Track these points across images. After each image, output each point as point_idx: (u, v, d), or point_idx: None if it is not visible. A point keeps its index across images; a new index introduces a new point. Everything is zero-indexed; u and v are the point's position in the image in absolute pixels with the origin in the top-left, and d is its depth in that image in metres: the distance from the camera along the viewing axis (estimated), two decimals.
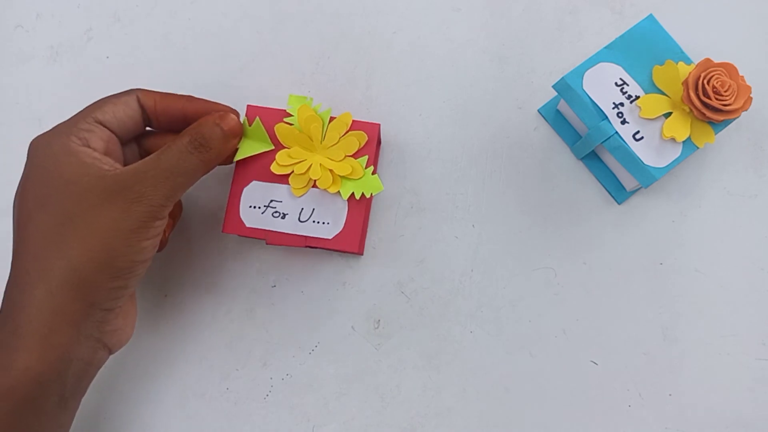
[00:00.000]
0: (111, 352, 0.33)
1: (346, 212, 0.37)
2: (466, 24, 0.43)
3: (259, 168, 0.37)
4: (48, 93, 0.43)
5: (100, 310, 0.31)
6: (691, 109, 0.36)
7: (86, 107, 0.34)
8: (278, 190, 0.37)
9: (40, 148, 0.32)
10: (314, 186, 0.37)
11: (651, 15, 0.38)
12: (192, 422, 0.39)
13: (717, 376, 0.39)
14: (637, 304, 0.39)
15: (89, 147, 0.32)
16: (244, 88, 0.42)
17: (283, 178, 0.37)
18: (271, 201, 0.37)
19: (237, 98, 0.42)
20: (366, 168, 0.37)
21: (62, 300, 0.30)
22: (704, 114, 0.35)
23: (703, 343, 0.39)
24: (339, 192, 0.36)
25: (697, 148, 0.36)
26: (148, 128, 0.37)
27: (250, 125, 0.36)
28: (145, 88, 0.35)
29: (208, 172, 0.34)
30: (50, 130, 0.33)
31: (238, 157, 0.37)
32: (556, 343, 0.39)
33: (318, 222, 0.37)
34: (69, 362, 0.30)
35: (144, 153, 0.37)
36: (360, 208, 0.37)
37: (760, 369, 0.39)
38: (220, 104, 0.36)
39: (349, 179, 0.36)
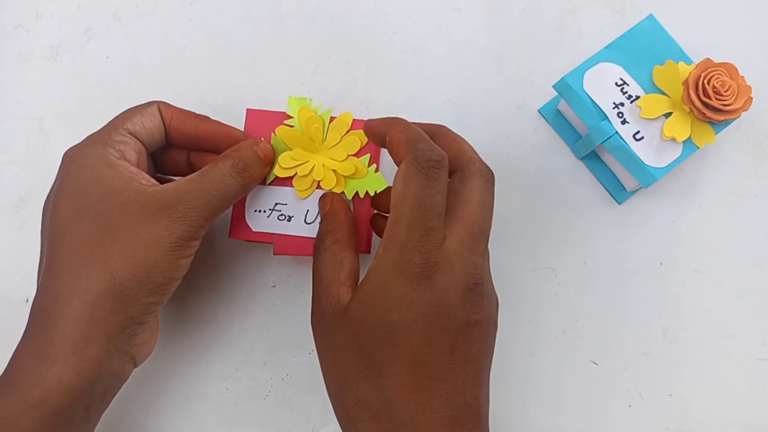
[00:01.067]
0: (136, 365, 0.34)
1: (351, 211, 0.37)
2: (466, 24, 0.43)
3: None
4: (48, 93, 0.43)
5: (134, 324, 0.31)
6: (691, 109, 0.36)
7: (115, 118, 0.34)
8: (282, 193, 0.37)
9: (76, 159, 0.32)
10: (318, 187, 0.37)
11: (651, 15, 0.38)
12: (192, 422, 0.39)
13: (717, 376, 0.39)
14: (637, 304, 0.39)
15: (125, 160, 0.32)
16: (244, 88, 0.42)
17: (287, 181, 0.37)
18: (276, 204, 0.37)
19: (237, 98, 0.42)
20: (369, 166, 0.37)
21: (101, 312, 0.30)
22: (704, 114, 0.35)
23: (703, 343, 0.39)
24: (343, 192, 0.36)
25: (698, 148, 0.36)
26: None
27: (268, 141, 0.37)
28: (165, 102, 0.35)
29: (242, 196, 0.35)
30: (84, 140, 0.33)
31: (269, 180, 0.37)
32: (556, 343, 0.39)
33: None
34: (99, 375, 0.31)
35: (154, 164, 0.37)
36: (365, 206, 0.37)
37: (760, 369, 0.39)
38: (233, 128, 0.36)
39: (353, 178, 0.36)
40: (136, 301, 0.31)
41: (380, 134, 0.32)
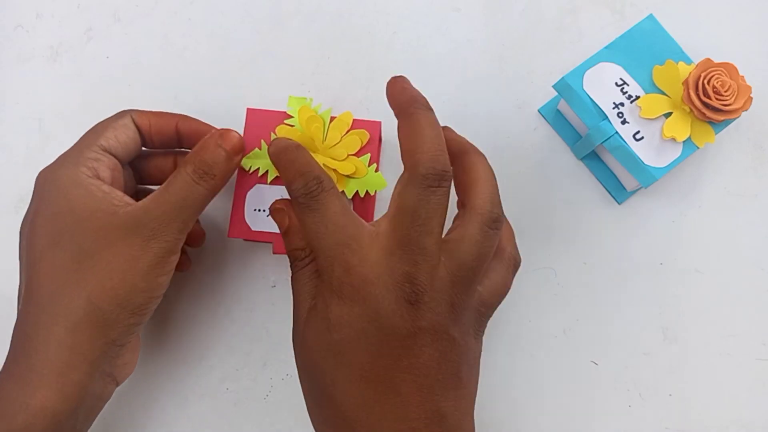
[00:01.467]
0: (117, 384, 0.34)
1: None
2: (466, 24, 0.43)
3: None
4: (48, 93, 0.43)
5: (116, 346, 0.31)
6: (691, 109, 0.36)
7: (87, 134, 0.34)
8: (282, 192, 0.37)
9: (48, 181, 0.32)
10: None
11: (651, 15, 0.38)
12: (192, 422, 0.39)
13: (717, 376, 0.39)
14: (637, 304, 0.39)
15: (98, 178, 0.32)
16: (244, 88, 0.42)
17: None
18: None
19: (237, 98, 0.42)
20: (369, 166, 0.37)
21: (82, 337, 0.30)
22: (704, 114, 0.35)
23: (703, 343, 0.39)
24: (344, 191, 0.36)
25: (698, 148, 0.36)
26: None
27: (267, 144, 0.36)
28: (137, 109, 0.35)
29: (216, 195, 0.34)
30: (57, 161, 0.33)
31: (271, 177, 0.37)
32: (556, 343, 0.39)
33: None
34: (83, 398, 0.31)
35: (136, 172, 0.37)
36: (365, 206, 0.37)
37: (760, 369, 0.39)
38: (212, 126, 0.36)
39: (353, 178, 0.36)
40: (117, 324, 0.31)
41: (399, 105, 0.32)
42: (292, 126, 0.37)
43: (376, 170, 0.37)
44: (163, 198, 0.31)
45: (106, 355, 0.31)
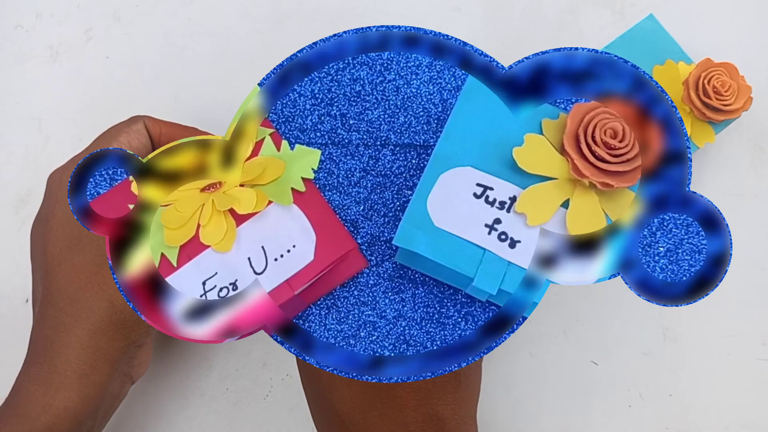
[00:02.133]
0: (133, 383, 0.34)
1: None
2: (466, 24, 0.43)
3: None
4: (48, 93, 0.43)
5: (134, 346, 0.32)
6: (691, 109, 0.36)
7: (101, 137, 0.33)
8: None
9: (64, 185, 0.32)
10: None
11: (651, 15, 0.38)
12: (192, 423, 0.39)
13: (717, 376, 0.39)
14: (637, 304, 0.39)
15: None
16: (244, 88, 0.42)
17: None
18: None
19: (237, 98, 0.42)
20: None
21: (104, 339, 0.30)
22: (705, 114, 0.36)
23: (703, 343, 0.39)
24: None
25: (698, 148, 0.36)
26: None
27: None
28: (151, 116, 0.35)
29: None
30: (69, 163, 0.33)
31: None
32: (556, 343, 0.39)
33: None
34: (103, 398, 0.31)
35: None
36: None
37: (760, 369, 0.39)
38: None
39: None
40: (137, 326, 0.31)
41: None
42: None
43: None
44: None
45: (125, 356, 0.32)
